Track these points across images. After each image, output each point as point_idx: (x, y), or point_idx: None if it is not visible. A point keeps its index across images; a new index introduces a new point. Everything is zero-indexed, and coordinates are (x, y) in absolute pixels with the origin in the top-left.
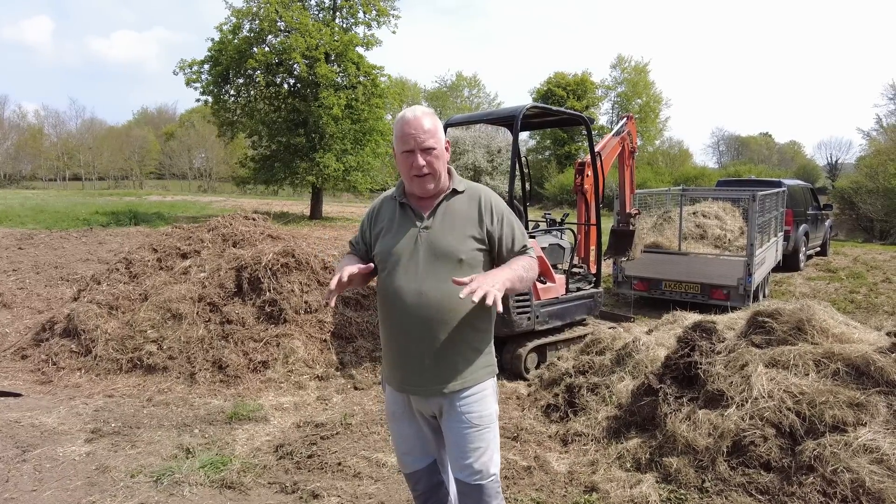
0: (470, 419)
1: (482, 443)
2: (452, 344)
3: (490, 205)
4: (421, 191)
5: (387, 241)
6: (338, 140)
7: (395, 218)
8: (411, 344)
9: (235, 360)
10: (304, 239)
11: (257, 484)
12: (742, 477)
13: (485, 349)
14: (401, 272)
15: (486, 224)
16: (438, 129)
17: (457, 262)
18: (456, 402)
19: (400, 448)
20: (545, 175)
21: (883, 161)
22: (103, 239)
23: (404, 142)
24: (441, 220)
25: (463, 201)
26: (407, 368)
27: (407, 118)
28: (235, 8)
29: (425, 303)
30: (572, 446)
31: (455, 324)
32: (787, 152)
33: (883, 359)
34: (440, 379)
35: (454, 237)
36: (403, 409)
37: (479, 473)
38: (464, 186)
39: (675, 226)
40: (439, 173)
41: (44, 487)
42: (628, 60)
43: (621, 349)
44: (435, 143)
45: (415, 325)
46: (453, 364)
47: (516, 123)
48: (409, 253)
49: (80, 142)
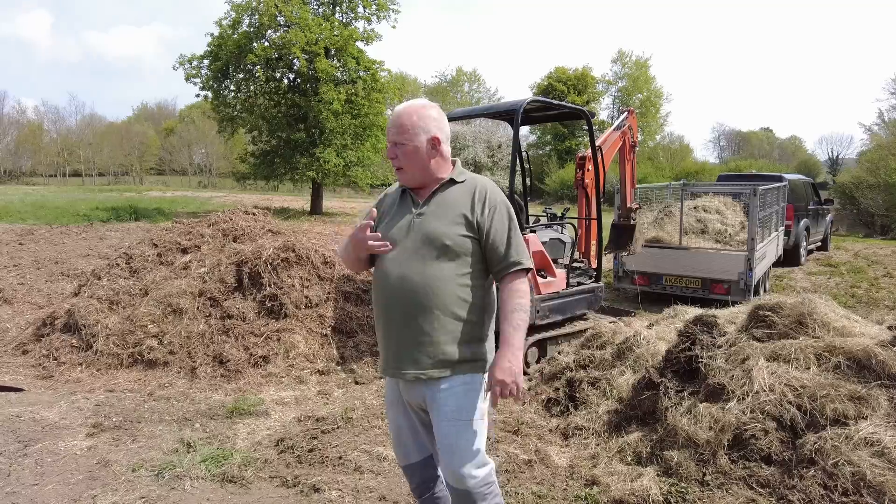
0: (447, 413)
1: (461, 441)
2: (432, 329)
3: (485, 195)
4: (400, 180)
5: (385, 226)
6: (338, 135)
7: (396, 204)
8: (391, 327)
9: (236, 354)
10: (305, 234)
11: (258, 478)
12: (743, 470)
13: (471, 341)
14: (390, 256)
15: (476, 213)
16: (416, 126)
17: (442, 246)
18: (437, 394)
19: (396, 440)
20: (546, 170)
21: (884, 156)
22: (104, 234)
23: (387, 133)
24: (434, 207)
25: (459, 190)
26: (390, 351)
27: (393, 112)
28: (235, 3)
29: (406, 286)
30: (573, 440)
31: (435, 309)
32: (788, 147)
33: (884, 352)
34: (417, 364)
35: (442, 222)
36: (397, 397)
37: (460, 477)
38: (464, 178)
39: (676, 220)
40: (412, 168)
41: (45, 481)
42: (629, 55)
43: (622, 343)
44: (404, 140)
45: (396, 308)
46: (431, 350)
47: (517, 117)
48: (402, 238)
49: (79, 138)
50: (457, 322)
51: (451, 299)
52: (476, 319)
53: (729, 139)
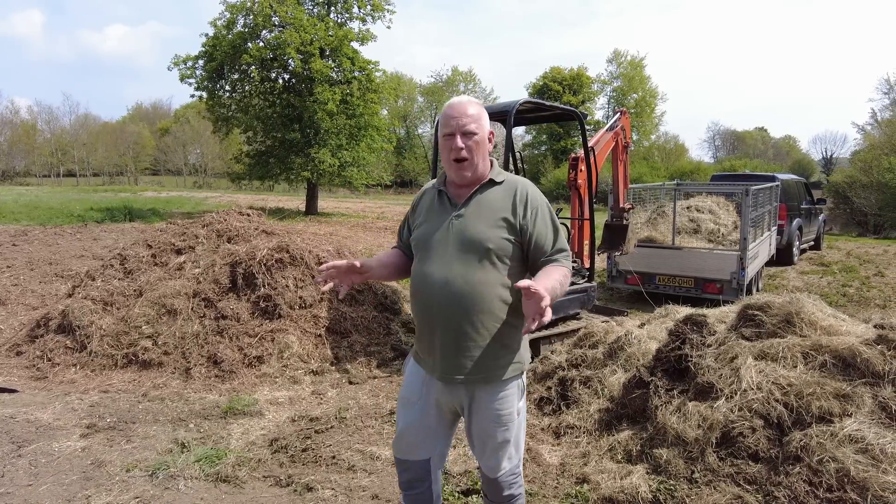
0: (490, 415)
1: (500, 441)
2: (477, 334)
3: (526, 197)
4: (458, 177)
5: (422, 229)
6: (333, 135)
7: (433, 206)
8: (436, 331)
9: (230, 355)
10: (299, 234)
11: (252, 477)
12: (730, 467)
13: (512, 344)
14: (431, 259)
15: (519, 216)
16: (483, 117)
17: (485, 250)
18: (481, 400)
19: (403, 434)
20: (541, 170)
21: (877, 155)
22: (98, 235)
23: (446, 125)
24: (474, 209)
25: (499, 192)
26: (434, 355)
27: (452, 103)
28: (229, 3)
29: (451, 291)
30: (564, 438)
31: (479, 314)
32: (783, 147)
33: (869, 350)
34: (461, 368)
35: (483, 225)
36: (419, 396)
37: (493, 469)
38: (503, 178)
39: (669, 220)
40: (476, 160)
41: (39, 482)
42: (624, 55)
43: (614, 343)
44: (476, 129)
45: (440, 312)
46: (475, 354)
47: (509, 118)
48: (441, 240)
49: (74, 138)
50: (500, 326)
51: (495, 304)
52: (516, 322)
53: (724, 139)
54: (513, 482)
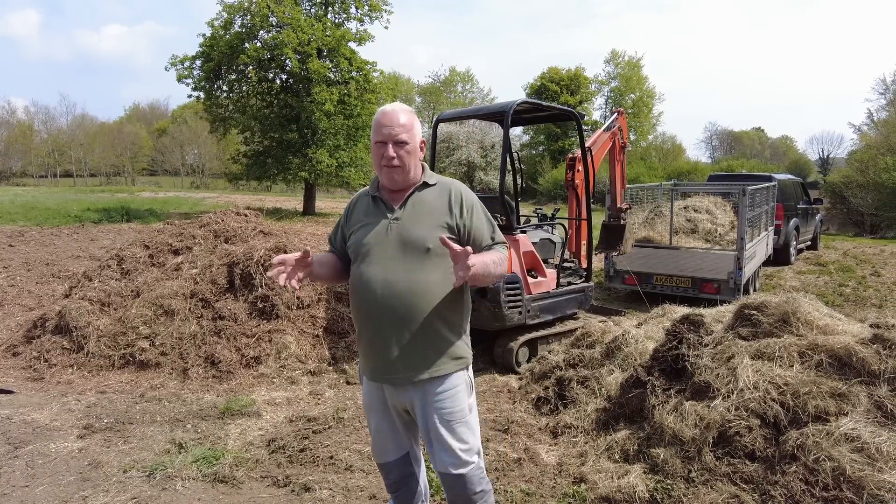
0: (443, 415)
1: (457, 436)
2: (421, 333)
3: (460, 197)
4: (391, 183)
5: (360, 233)
6: (330, 136)
7: (369, 211)
8: (380, 333)
9: (228, 355)
10: (297, 235)
11: (249, 478)
12: (727, 467)
13: (455, 340)
14: (370, 262)
15: (455, 215)
16: (415, 125)
17: (425, 250)
18: (428, 398)
19: (374, 439)
20: (539, 170)
21: (874, 155)
22: (95, 236)
23: (378, 132)
24: (410, 211)
25: (433, 193)
26: (377, 357)
27: (385, 110)
28: (227, 3)
29: (393, 292)
30: (562, 438)
31: (423, 313)
32: (780, 147)
33: (865, 350)
34: (408, 368)
35: (423, 226)
36: (378, 402)
37: (458, 464)
38: (435, 180)
39: (667, 220)
40: (409, 167)
41: (36, 483)
42: (622, 55)
43: (611, 342)
44: (408, 138)
45: (383, 314)
46: (421, 353)
47: (507, 119)
48: (380, 244)
49: (71, 138)
50: (443, 324)
51: (437, 302)
52: (458, 319)
53: (721, 139)
54: (481, 476)
